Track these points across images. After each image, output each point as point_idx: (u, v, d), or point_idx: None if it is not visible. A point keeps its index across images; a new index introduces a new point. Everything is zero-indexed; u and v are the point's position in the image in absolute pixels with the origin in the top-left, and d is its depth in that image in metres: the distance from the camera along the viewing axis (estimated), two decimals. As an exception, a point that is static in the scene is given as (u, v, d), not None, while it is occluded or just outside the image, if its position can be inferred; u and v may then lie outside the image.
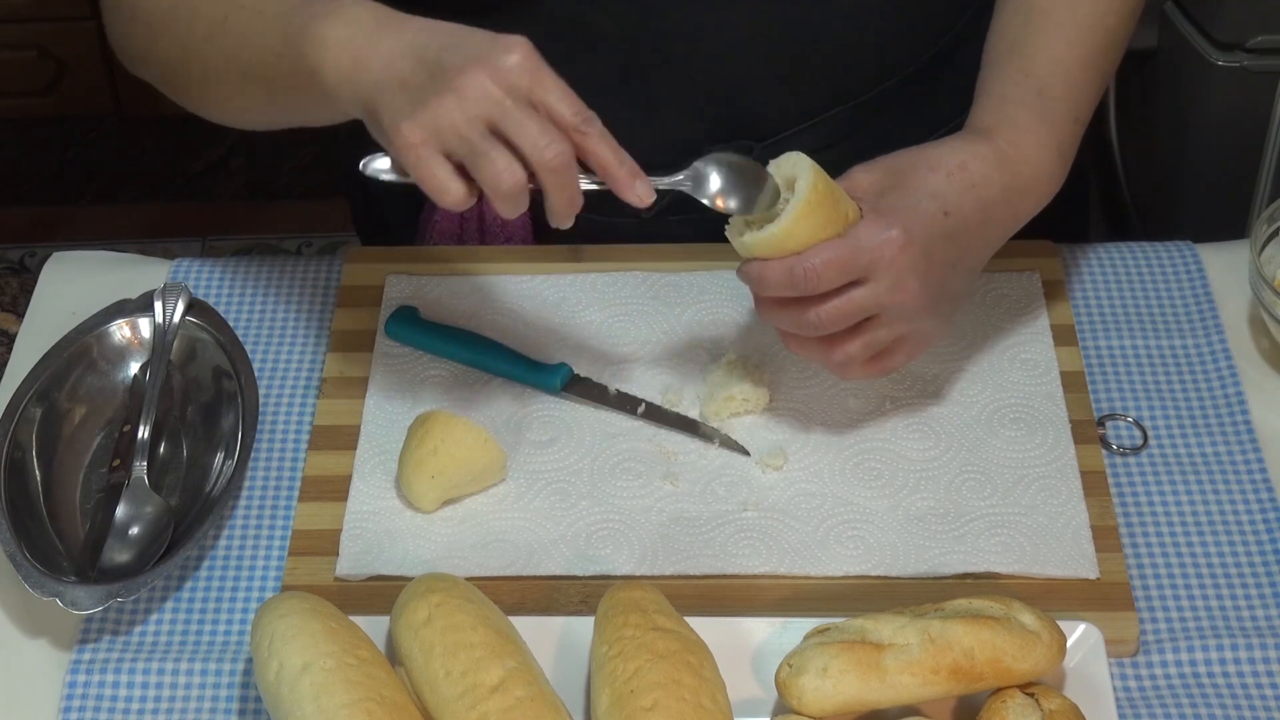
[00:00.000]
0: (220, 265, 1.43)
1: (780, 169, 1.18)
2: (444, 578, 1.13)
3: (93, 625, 1.19)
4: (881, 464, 1.26)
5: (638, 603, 1.10)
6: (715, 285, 1.38)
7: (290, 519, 1.25)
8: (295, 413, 1.32)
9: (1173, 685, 1.14)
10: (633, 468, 1.26)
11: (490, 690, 1.05)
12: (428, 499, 1.23)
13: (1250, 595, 1.19)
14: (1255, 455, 1.27)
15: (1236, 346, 1.34)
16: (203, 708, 1.14)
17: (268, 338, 1.37)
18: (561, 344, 1.34)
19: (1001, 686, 1.07)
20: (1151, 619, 1.17)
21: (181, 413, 1.30)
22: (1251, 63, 1.84)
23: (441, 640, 1.07)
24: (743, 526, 1.22)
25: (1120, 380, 1.33)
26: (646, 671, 1.05)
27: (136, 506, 1.22)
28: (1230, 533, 1.22)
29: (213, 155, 2.97)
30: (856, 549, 1.20)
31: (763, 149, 1.38)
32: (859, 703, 1.06)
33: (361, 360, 1.34)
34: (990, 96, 1.25)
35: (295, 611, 1.09)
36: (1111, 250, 1.42)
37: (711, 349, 1.34)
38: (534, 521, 1.23)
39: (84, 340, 1.30)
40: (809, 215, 1.15)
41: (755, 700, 1.11)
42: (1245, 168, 1.92)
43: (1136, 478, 1.26)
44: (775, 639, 1.13)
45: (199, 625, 1.19)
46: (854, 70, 1.38)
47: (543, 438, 1.28)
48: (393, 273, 1.40)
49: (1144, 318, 1.37)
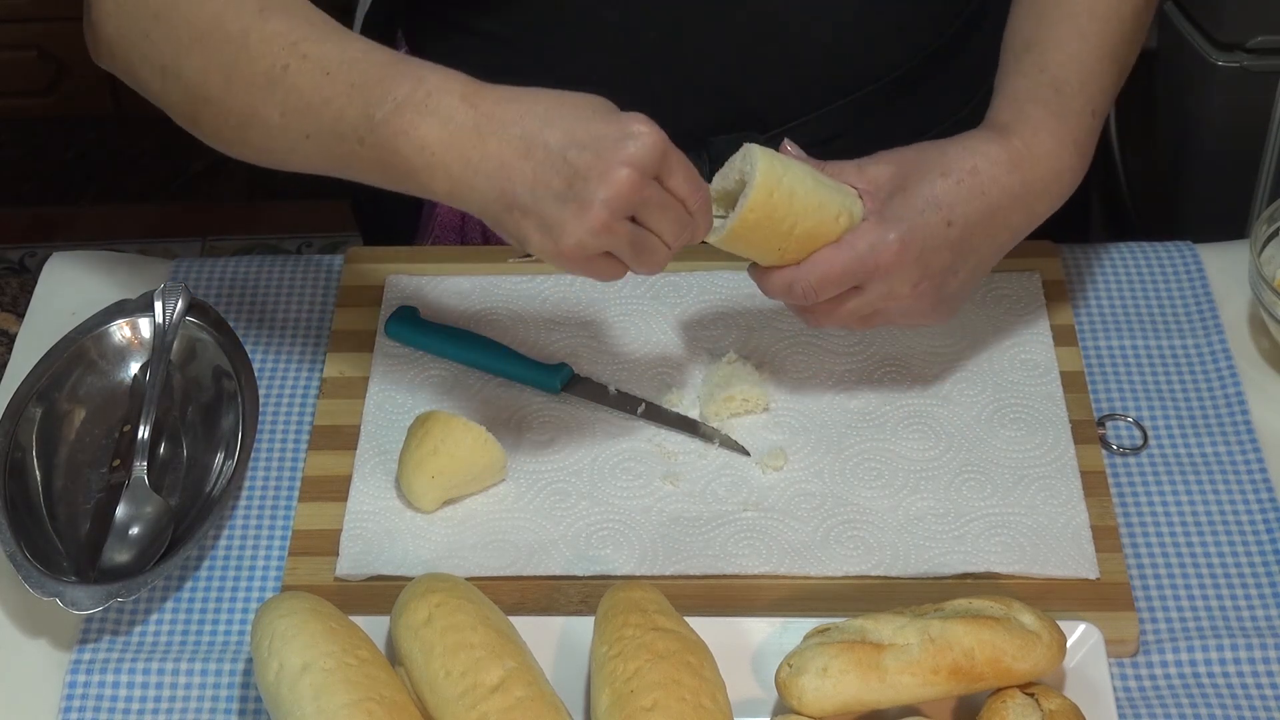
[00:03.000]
0: (220, 265, 1.43)
1: (734, 166, 1.17)
2: (444, 578, 1.13)
3: (93, 625, 1.19)
4: (881, 464, 1.26)
5: (638, 603, 1.10)
6: (715, 285, 1.38)
7: (290, 519, 1.25)
8: (295, 413, 1.32)
9: (1173, 685, 1.14)
10: (633, 468, 1.26)
11: (490, 690, 1.05)
12: (428, 499, 1.23)
13: (1250, 595, 1.19)
14: (1255, 455, 1.27)
15: (1236, 346, 1.34)
16: (203, 708, 1.14)
17: (268, 338, 1.37)
18: (561, 344, 1.34)
19: (1001, 686, 1.07)
20: (1151, 619, 1.17)
21: (181, 413, 1.30)
22: (1251, 63, 1.84)
23: (441, 640, 1.07)
24: (743, 526, 1.22)
25: (1120, 380, 1.33)
26: (646, 671, 1.05)
27: (136, 506, 1.22)
28: (1230, 533, 1.22)
29: (213, 155, 2.95)
30: (856, 549, 1.20)
31: (765, 140, 1.38)
32: (859, 703, 1.06)
33: (361, 360, 1.34)
34: (1007, 93, 1.25)
35: (295, 611, 1.09)
36: (1111, 250, 1.42)
37: (711, 349, 1.34)
38: (534, 521, 1.23)
39: (84, 340, 1.30)
40: (746, 233, 1.16)
41: (755, 700, 1.11)
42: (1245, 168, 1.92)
43: (1136, 478, 1.26)
44: (775, 639, 1.13)
45: (199, 625, 1.19)
46: (858, 61, 1.38)
47: (543, 438, 1.28)
48: (393, 273, 1.40)
49: (1144, 318, 1.37)
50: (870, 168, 1.21)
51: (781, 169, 1.16)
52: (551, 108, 1.09)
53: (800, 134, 1.38)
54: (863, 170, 1.21)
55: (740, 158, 1.17)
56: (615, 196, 1.07)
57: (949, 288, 1.22)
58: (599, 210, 1.07)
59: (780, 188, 1.15)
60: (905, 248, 1.17)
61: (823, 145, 1.40)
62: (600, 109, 1.09)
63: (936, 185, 1.19)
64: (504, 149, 1.08)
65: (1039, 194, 1.22)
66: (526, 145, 1.08)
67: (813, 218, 1.16)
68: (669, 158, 1.09)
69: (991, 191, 1.20)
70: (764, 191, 1.14)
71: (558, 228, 1.08)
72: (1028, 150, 1.21)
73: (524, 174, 1.08)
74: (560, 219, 1.08)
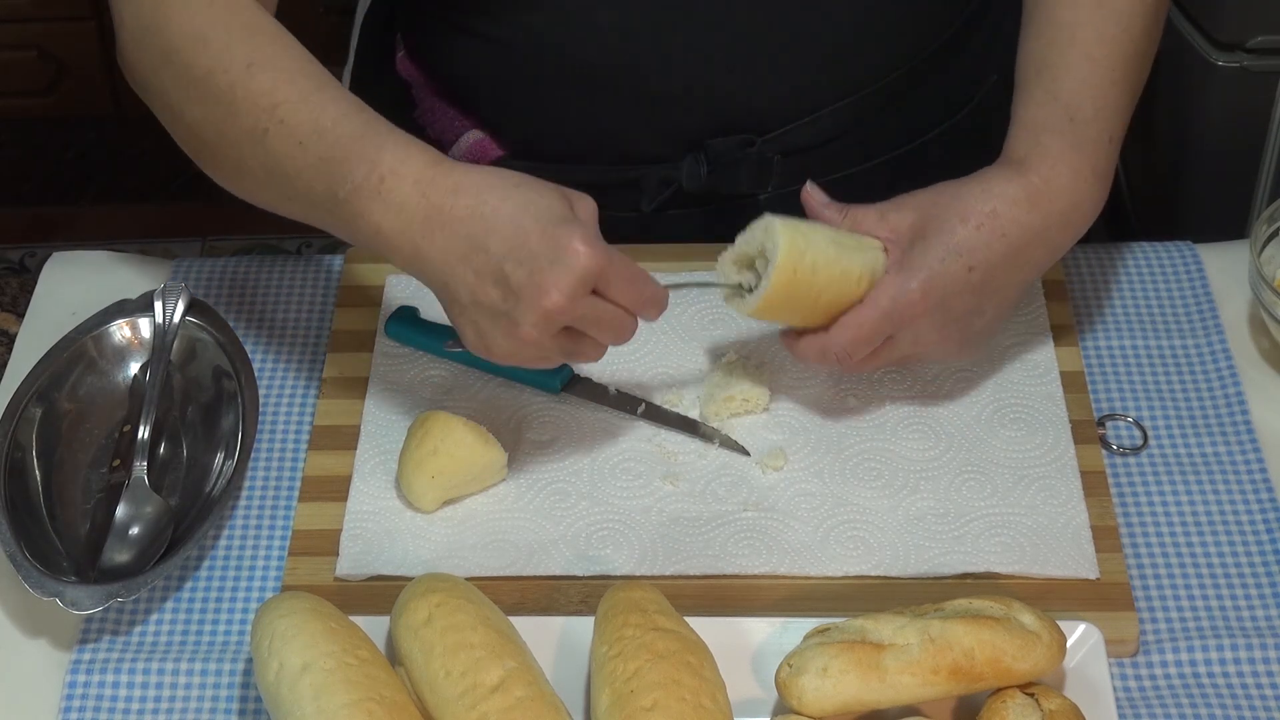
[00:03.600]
0: (220, 265, 1.43)
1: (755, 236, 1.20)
2: (444, 578, 1.13)
3: (93, 625, 1.19)
4: (881, 464, 1.26)
5: (638, 603, 1.10)
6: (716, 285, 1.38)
7: (290, 519, 1.25)
8: (295, 413, 1.32)
9: (1173, 685, 1.14)
10: (632, 468, 1.26)
11: (490, 690, 1.05)
12: (428, 499, 1.23)
13: (1250, 595, 1.19)
14: (1255, 455, 1.27)
15: (1236, 346, 1.34)
16: (203, 708, 1.14)
17: (268, 338, 1.37)
18: (561, 344, 1.34)
19: (1001, 686, 1.07)
20: (1151, 619, 1.17)
21: (181, 413, 1.30)
22: (1251, 63, 1.84)
23: (441, 640, 1.07)
24: (743, 527, 1.22)
25: (1120, 380, 1.33)
26: (646, 671, 1.05)
27: (136, 506, 1.22)
28: (1230, 533, 1.22)
29: (213, 155, 2.96)
30: (856, 549, 1.20)
31: (763, 143, 1.39)
32: (859, 703, 1.06)
33: (361, 360, 1.34)
34: (1022, 124, 1.25)
35: (295, 611, 1.09)
36: (1111, 250, 1.42)
37: (711, 349, 1.34)
38: (534, 521, 1.23)
39: (84, 340, 1.30)
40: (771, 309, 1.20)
41: (755, 700, 1.11)
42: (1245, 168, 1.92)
43: (1136, 478, 1.26)
44: (775, 639, 1.13)
45: (199, 625, 1.19)
46: (857, 64, 1.38)
47: (543, 438, 1.28)
48: (393, 273, 1.40)
49: (1144, 318, 1.37)
50: (892, 215, 1.22)
51: (803, 244, 1.18)
52: (500, 206, 1.11)
53: (798, 136, 1.38)
54: (884, 218, 1.22)
55: (761, 230, 1.19)
56: (542, 320, 1.11)
57: (974, 327, 1.23)
58: (528, 329, 1.11)
59: (803, 264, 1.18)
60: (927, 295, 1.19)
61: (821, 147, 1.40)
62: (544, 216, 1.11)
63: (957, 233, 1.20)
64: (449, 247, 1.12)
65: (1060, 227, 1.22)
66: (469, 248, 1.11)
67: (836, 286, 1.19)
68: (607, 272, 1.11)
69: (1012, 232, 1.20)
70: (787, 271, 1.17)
71: (489, 337, 1.13)
72: (1046, 186, 1.21)
73: (465, 279, 1.12)
74: (492, 331, 1.13)
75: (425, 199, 1.12)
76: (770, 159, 1.39)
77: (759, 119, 1.38)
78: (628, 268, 1.13)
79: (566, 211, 1.12)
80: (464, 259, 1.11)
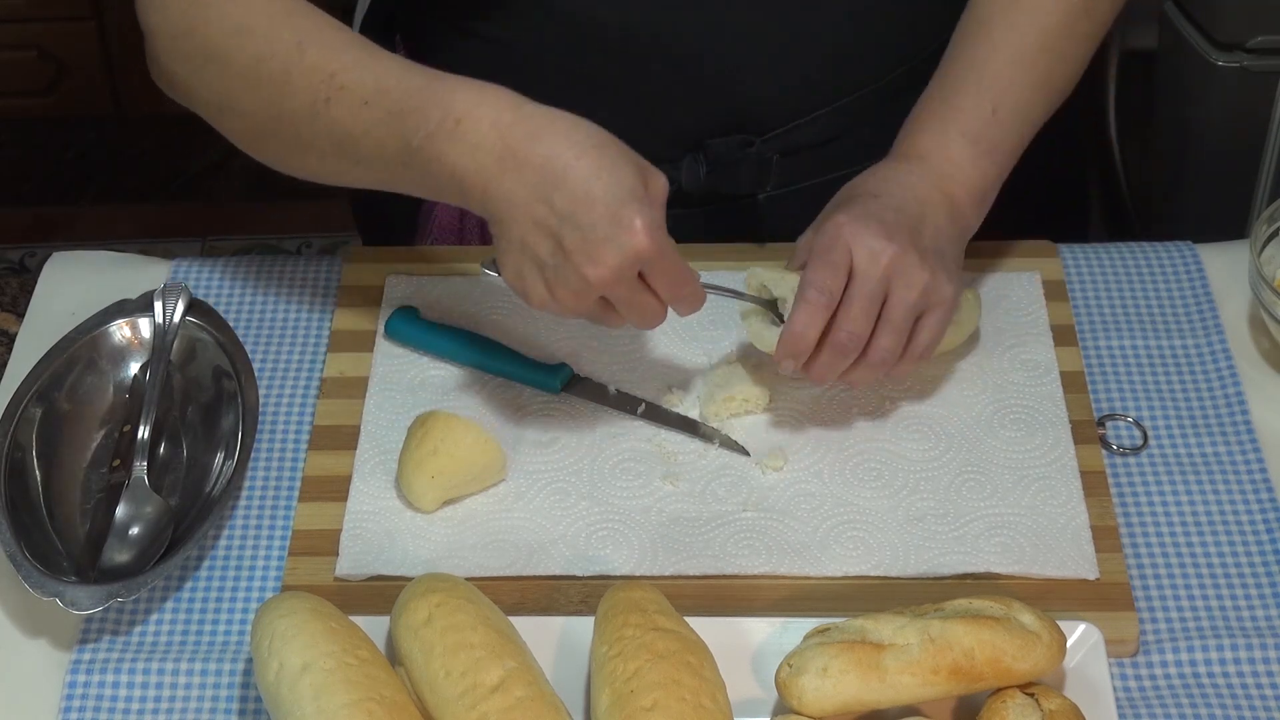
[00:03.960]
0: (220, 265, 1.43)
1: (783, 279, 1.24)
2: (444, 578, 1.13)
3: (93, 625, 1.19)
4: (881, 464, 1.26)
5: (638, 603, 1.10)
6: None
7: (290, 519, 1.25)
8: (295, 413, 1.32)
9: (1173, 685, 1.14)
10: (632, 468, 1.26)
11: (490, 690, 1.05)
12: (428, 499, 1.23)
13: (1250, 595, 1.19)
14: (1255, 455, 1.27)
15: (1236, 346, 1.34)
16: (203, 708, 1.14)
17: (268, 338, 1.37)
18: (561, 344, 1.34)
19: (1001, 686, 1.07)
20: (1151, 619, 1.17)
21: (181, 413, 1.30)
22: (1251, 63, 1.84)
23: (441, 640, 1.07)
24: (742, 527, 1.22)
25: (1120, 380, 1.33)
26: (646, 671, 1.05)
27: (136, 506, 1.22)
28: (1230, 533, 1.22)
29: (213, 155, 2.97)
30: (856, 549, 1.20)
31: (763, 143, 1.39)
32: (859, 703, 1.06)
33: (361, 360, 1.34)
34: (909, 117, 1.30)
35: (295, 611, 1.09)
36: (1111, 250, 1.42)
37: (711, 349, 1.34)
38: (534, 521, 1.23)
39: (84, 340, 1.30)
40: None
41: (755, 700, 1.11)
42: (1245, 168, 1.92)
43: (1136, 478, 1.26)
44: (775, 639, 1.13)
45: (199, 625, 1.19)
46: (856, 64, 1.38)
47: (543, 438, 1.28)
48: (393, 273, 1.40)
49: (1144, 318, 1.37)
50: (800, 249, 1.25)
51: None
52: (574, 164, 1.12)
53: (797, 136, 1.39)
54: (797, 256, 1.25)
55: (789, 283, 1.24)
56: (582, 286, 1.13)
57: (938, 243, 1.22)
58: (566, 291, 1.13)
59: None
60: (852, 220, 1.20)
61: (820, 147, 1.40)
62: (614, 187, 1.12)
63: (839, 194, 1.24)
64: (515, 190, 1.13)
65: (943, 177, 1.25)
66: (533, 196, 1.12)
67: None
68: (657, 261, 1.13)
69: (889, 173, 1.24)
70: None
71: (528, 280, 1.15)
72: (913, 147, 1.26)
73: (523, 223, 1.13)
74: (531, 277, 1.14)
75: (502, 140, 1.13)
76: (769, 159, 1.40)
77: (758, 119, 1.39)
78: (676, 262, 1.15)
79: (638, 187, 1.13)
80: (526, 205, 1.12)
